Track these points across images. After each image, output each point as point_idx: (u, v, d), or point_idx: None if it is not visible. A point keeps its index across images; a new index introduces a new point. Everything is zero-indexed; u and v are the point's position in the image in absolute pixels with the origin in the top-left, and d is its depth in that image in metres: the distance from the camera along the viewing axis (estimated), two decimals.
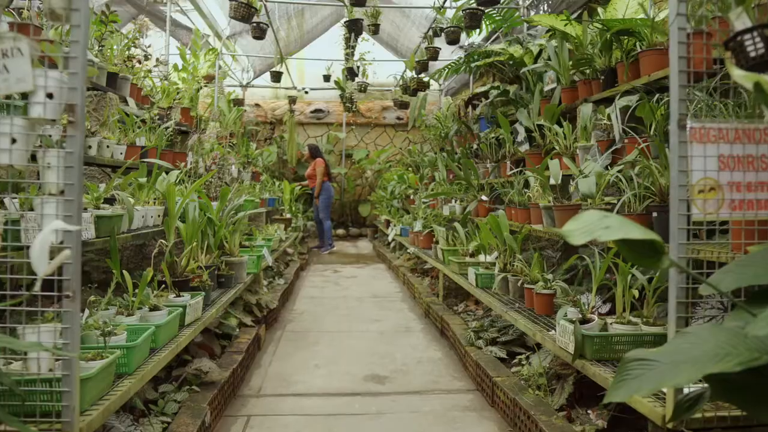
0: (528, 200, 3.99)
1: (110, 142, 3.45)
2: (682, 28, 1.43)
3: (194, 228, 3.19)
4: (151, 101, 4.92)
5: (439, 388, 3.00)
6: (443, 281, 4.66)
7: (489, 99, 6.58)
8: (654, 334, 1.98)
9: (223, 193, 3.70)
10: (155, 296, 2.51)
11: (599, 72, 3.82)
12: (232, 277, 3.50)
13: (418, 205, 7.01)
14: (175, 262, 2.81)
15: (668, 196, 2.36)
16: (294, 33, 10.24)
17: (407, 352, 3.65)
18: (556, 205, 3.29)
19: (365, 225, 12.04)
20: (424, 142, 11.09)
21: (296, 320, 4.56)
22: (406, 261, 6.86)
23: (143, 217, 3.13)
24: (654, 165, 2.35)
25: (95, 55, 4.16)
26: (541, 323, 2.67)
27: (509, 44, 6.19)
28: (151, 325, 2.01)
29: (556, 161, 3.39)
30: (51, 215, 1.31)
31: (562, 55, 4.39)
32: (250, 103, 11.64)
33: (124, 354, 1.75)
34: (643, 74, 3.24)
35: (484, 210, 5.16)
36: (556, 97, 4.38)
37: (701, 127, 1.45)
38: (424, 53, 8.29)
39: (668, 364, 1.14)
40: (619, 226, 1.02)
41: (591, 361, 1.98)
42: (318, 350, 3.70)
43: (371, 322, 4.52)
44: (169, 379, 2.56)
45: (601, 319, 2.13)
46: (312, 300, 5.45)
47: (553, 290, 2.78)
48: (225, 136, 8.45)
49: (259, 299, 4.07)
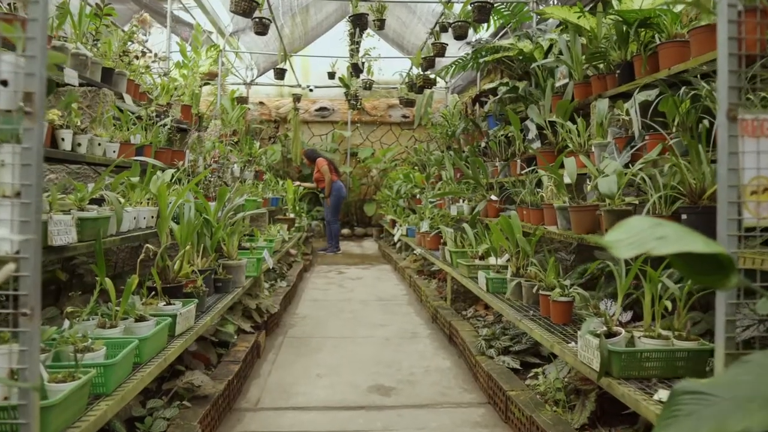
0: (541, 200, 3.80)
1: (102, 140, 3.29)
2: (732, 5, 1.24)
3: (189, 230, 3.02)
4: (149, 98, 4.76)
5: (448, 401, 2.81)
6: (451, 284, 4.48)
7: (498, 96, 6.40)
8: (689, 350, 1.79)
9: (221, 193, 3.53)
10: (144, 304, 2.34)
11: (615, 66, 3.66)
12: (229, 282, 3.33)
13: (424, 205, 6.82)
14: (167, 267, 2.64)
15: (700, 197, 2.18)
16: (298, 30, 10.07)
17: (414, 360, 3.47)
18: (572, 205, 3.10)
19: (370, 224, 11.86)
20: (431, 141, 10.90)
21: (298, 325, 4.39)
22: (413, 262, 6.67)
23: (135, 219, 2.96)
24: (683, 163, 2.16)
25: (89, 49, 4.01)
26: (559, 333, 2.48)
27: (518, 39, 6.02)
28: (134, 339, 1.84)
29: (571, 159, 3.20)
30: (5, 220, 1.13)
31: (575, 49, 4.21)
32: (254, 102, 11.48)
33: (101, 372, 1.58)
34: (663, 67, 3.07)
35: (494, 210, 4.97)
36: (568, 93, 4.20)
37: (754, 119, 1.26)
38: (431, 49, 8.10)
39: (730, 400, 0.94)
40: (676, 237, 0.83)
41: (618, 379, 1.80)
42: (320, 358, 3.52)
43: (376, 327, 4.34)
44: (160, 393, 2.39)
45: (627, 331, 1.94)
46: (315, 303, 5.27)
47: (571, 298, 2.59)
48: (226, 134, 8.29)
49: (259, 304, 3.90)
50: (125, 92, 4.30)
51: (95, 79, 3.92)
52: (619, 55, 3.64)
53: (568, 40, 4.42)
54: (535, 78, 5.45)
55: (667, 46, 3.01)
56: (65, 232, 1.98)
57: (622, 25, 3.44)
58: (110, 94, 4.03)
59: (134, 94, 4.46)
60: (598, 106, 3.57)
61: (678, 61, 2.91)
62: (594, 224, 3.06)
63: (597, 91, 3.81)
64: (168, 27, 7.08)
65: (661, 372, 1.81)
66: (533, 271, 3.03)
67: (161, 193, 2.61)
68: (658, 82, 3.16)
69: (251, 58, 10.83)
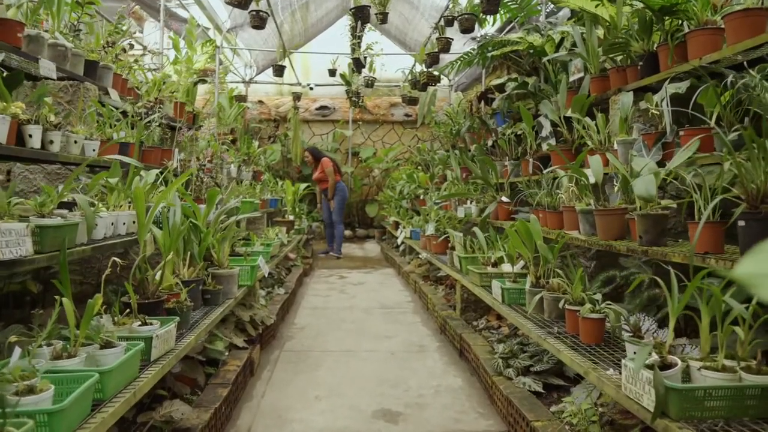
0: (560, 202, 3.50)
1: (79, 137, 2.99)
2: None
3: (173, 236, 2.72)
4: (137, 94, 4.45)
5: (462, 429, 2.50)
6: (461, 293, 4.17)
7: (506, 92, 6.10)
8: (763, 387, 1.48)
9: (210, 196, 3.22)
10: (117, 324, 2.03)
11: (636, 58, 3.39)
12: (219, 293, 3.02)
13: (429, 207, 6.51)
14: (145, 280, 2.33)
15: (762, 201, 1.87)
16: (298, 26, 9.77)
17: (422, 379, 3.16)
18: (598, 208, 2.79)
19: (372, 226, 11.55)
20: (434, 140, 10.58)
21: (296, 337, 4.08)
22: (417, 267, 6.36)
23: (113, 225, 2.66)
24: (741, 160, 1.85)
25: (70, 40, 3.71)
26: (590, 355, 2.17)
27: (527, 33, 5.72)
28: (93, 373, 1.53)
29: (597, 157, 2.89)
30: None
31: (591, 40, 3.92)
32: (253, 100, 11.18)
33: (43, 422, 1.28)
34: (692, 57, 2.80)
35: (505, 212, 4.66)
36: (584, 87, 3.91)
37: None
38: (435, 44, 7.80)
39: None
40: None
41: (677, 421, 1.49)
42: (320, 376, 3.21)
43: (380, 338, 4.03)
44: (134, 426, 2.09)
45: (682, 360, 1.63)
46: (315, 311, 4.97)
47: (603, 315, 2.28)
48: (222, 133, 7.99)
49: (253, 315, 3.59)
50: (111, 87, 4.00)
51: (77, 72, 3.63)
52: (641, 45, 3.38)
53: (583, 31, 4.14)
54: (545, 73, 5.17)
55: (697, 34, 2.74)
56: (17, 243, 1.68)
57: (646, 13, 3.15)
58: (93, 88, 3.74)
59: (121, 89, 4.16)
60: (621, 100, 3.27)
61: (710, 51, 2.65)
62: (622, 229, 2.76)
63: (616, 85, 3.56)
64: (162, 21, 6.79)
65: (727, 412, 1.50)
66: (556, 283, 2.72)
67: (137, 196, 2.30)
68: (684, 75, 2.88)
69: (250, 55, 10.53)
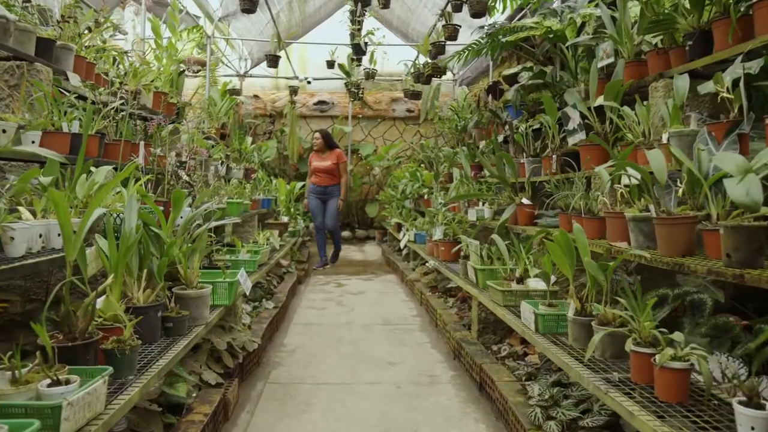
0: (599, 207, 2.91)
1: (9, 125, 2.40)
2: None
3: (122, 249, 2.13)
4: (106, 81, 3.84)
5: None
6: (477, 311, 3.58)
7: (519, 83, 5.52)
8: None
9: (176, 198, 2.63)
10: (17, 384, 1.44)
11: (684, 37, 2.87)
12: (184, 320, 2.42)
13: (436, 208, 5.91)
14: (71, 314, 1.73)
15: None
16: (295, 16, 9.17)
17: (437, 425, 2.57)
18: (660, 216, 2.20)
19: (373, 226, 10.95)
20: (438, 136, 9.99)
21: (285, 363, 3.49)
22: (423, 275, 5.77)
23: (42, 237, 2.07)
24: None
25: (16, 13, 3.13)
26: (678, 421, 1.58)
27: (544, 18, 5.13)
28: None
29: (657, 152, 2.30)
30: None
31: (624, 20, 3.36)
32: (248, 95, 10.57)
33: None
34: (759, 33, 2.26)
35: (526, 216, 4.08)
36: (618, 73, 3.36)
37: None
38: (441, 33, 7.20)
39: None
40: None
41: None
42: (310, 420, 2.62)
43: (383, 366, 3.44)
44: None
45: None
46: (308, 328, 4.37)
47: (689, 364, 1.68)
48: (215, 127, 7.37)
49: (232, 340, 3.00)
50: (71, 71, 3.41)
51: (26, 51, 3.05)
52: (689, 22, 2.86)
53: (612, 12, 3.58)
54: (563, 60, 4.60)
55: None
56: None
57: None
58: (46, 70, 3.15)
59: (86, 74, 3.57)
60: (676, 84, 2.69)
61: None
62: (691, 243, 2.18)
63: (655, 70, 3.09)
64: (143, 4, 6.20)
65: None
66: (611, 314, 2.13)
67: (57, 201, 1.70)
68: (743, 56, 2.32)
69: (243, 47, 9.93)
